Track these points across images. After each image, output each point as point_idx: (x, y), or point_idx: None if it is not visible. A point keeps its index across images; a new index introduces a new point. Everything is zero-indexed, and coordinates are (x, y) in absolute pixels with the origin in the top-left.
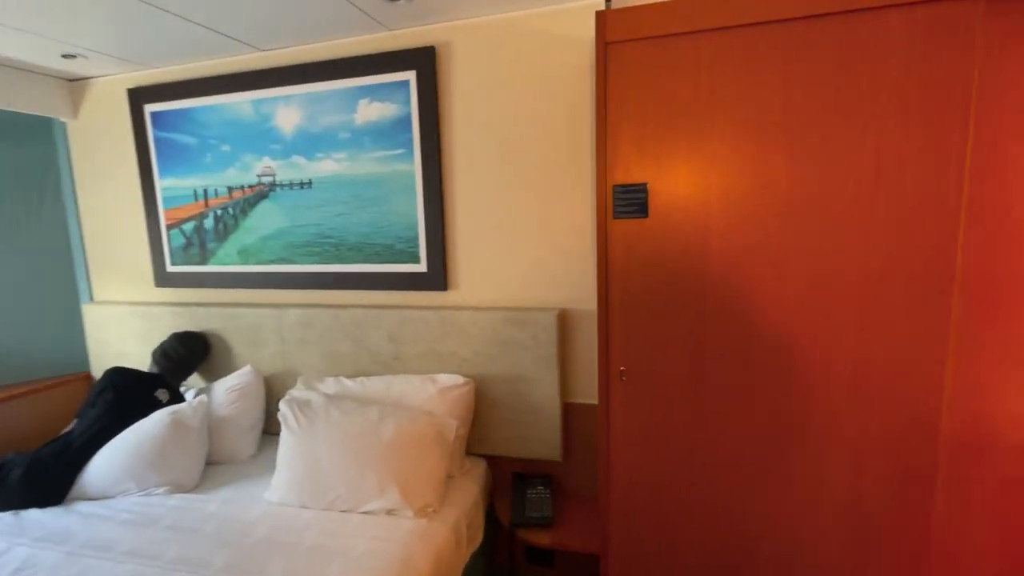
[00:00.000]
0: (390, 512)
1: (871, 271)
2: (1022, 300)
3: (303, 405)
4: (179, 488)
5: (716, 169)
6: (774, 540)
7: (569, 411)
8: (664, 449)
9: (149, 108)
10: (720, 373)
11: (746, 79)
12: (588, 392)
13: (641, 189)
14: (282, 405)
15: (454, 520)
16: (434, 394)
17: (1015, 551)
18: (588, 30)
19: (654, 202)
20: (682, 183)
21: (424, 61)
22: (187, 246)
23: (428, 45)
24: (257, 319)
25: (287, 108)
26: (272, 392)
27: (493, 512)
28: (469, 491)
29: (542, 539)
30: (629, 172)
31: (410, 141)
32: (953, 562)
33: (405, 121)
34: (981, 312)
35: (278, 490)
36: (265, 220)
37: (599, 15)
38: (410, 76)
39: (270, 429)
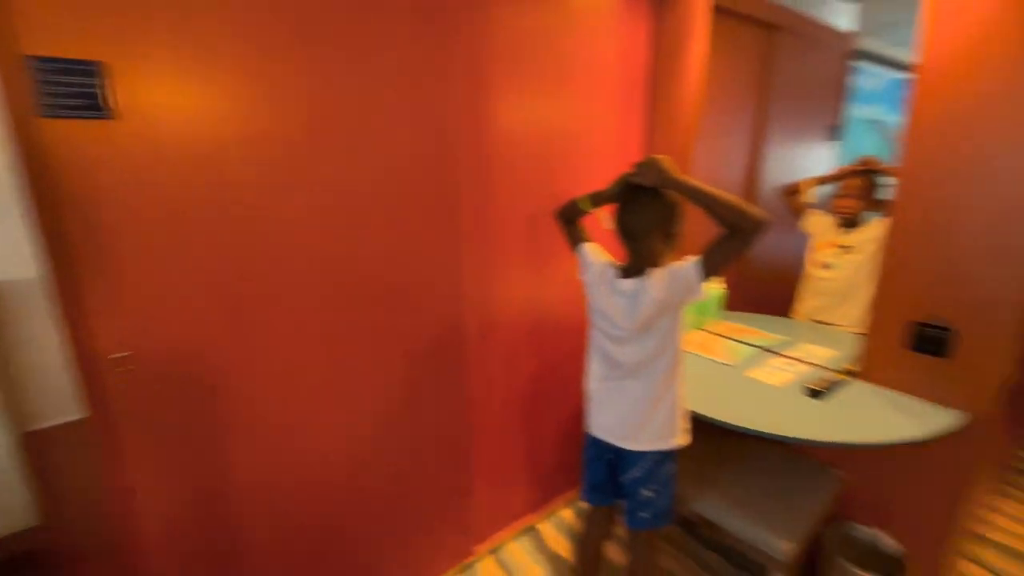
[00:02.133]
0: None
1: (404, 203)
2: (505, 216)
3: None
4: None
5: (222, 68)
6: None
7: (40, 442)
8: (207, 444)
9: None
10: (265, 323)
11: None
12: (66, 406)
13: (91, 71)
14: None
15: None
16: None
17: (515, 385)
18: None
19: (126, 96)
20: (172, 73)
21: None
22: None
23: None
24: None
25: None
26: None
27: None
28: None
29: None
30: (62, 39)
31: None
32: (484, 400)
33: None
34: (480, 228)
35: None
36: None
37: None
38: None
39: None
